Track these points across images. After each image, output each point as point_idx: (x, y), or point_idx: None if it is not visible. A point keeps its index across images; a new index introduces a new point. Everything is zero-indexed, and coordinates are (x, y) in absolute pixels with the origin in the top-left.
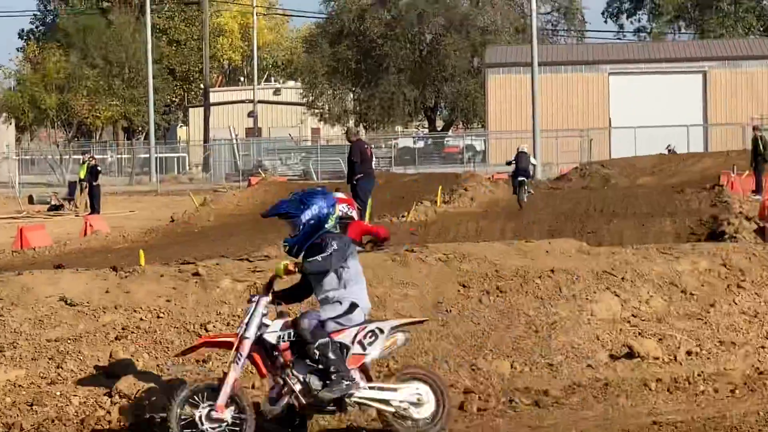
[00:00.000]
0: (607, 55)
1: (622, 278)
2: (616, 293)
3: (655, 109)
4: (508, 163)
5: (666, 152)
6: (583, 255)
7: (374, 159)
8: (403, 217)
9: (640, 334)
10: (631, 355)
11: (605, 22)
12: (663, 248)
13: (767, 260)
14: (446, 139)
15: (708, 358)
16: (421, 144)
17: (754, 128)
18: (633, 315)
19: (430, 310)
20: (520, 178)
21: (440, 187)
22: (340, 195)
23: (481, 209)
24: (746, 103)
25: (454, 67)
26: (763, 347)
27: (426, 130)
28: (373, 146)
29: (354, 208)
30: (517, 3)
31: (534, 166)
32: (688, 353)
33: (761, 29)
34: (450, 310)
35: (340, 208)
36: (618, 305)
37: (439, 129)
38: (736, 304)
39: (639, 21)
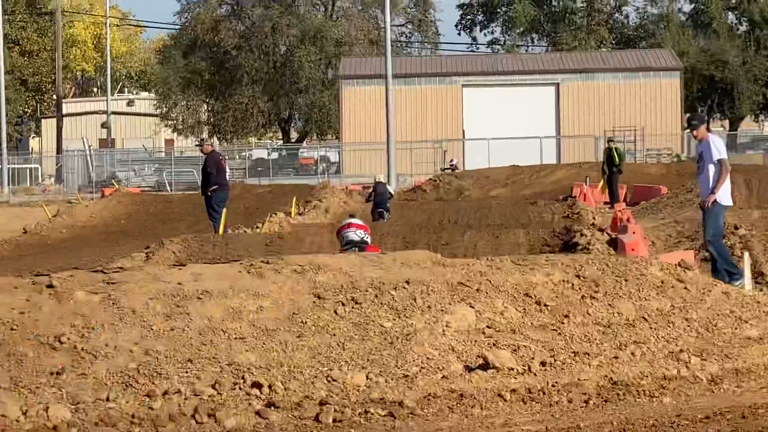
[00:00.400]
0: (460, 68)
1: (477, 289)
2: (471, 304)
3: (509, 120)
4: (367, 198)
5: (449, 169)
6: (438, 266)
7: (228, 170)
8: (257, 228)
9: (494, 345)
10: (485, 366)
11: (459, 34)
12: (517, 259)
13: (620, 271)
14: (300, 150)
15: (562, 369)
16: (275, 155)
17: (609, 140)
18: (488, 326)
19: (285, 321)
20: (380, 210)
21: (294, 199)
22: (358, 222)
23: (336, 220)
24: (598, 115)
25: (308, 79)
26: (616, 358)
27: (280, 142)
28: (227, 157)
29: (368, 233)
30: (371, 15)
31: (391, 196)
32: (543, 364)
33: (613, 42)
34: (305, 322)
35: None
36: (473, 316)
37: (293, 140)
38: (589, 315)
39: (492, 33)
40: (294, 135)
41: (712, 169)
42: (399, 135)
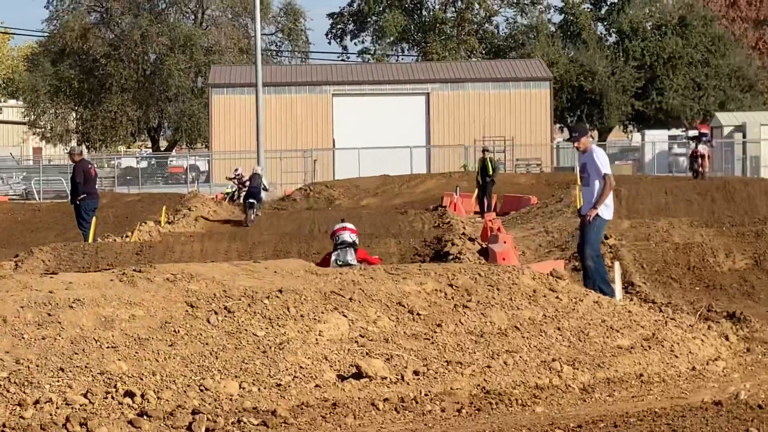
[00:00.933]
0: (331, 77)
1: (350, 298)
2: (344, 313)
3: (380, 130)
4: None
5: (235, 179)
6: (311, 275)
7: (98, 179)
8: (127, 237)
9: (368, 354)
10: (359, 375)
11: (329, 43)
12: (390, 269)
13: (493, 280)
14: (170, 159)
15: (435, 378)
16: (144, 164)
17: (484, 150)
18: (361, 335)
19: (158, 330)
20: (251, 201)
21: (164, 208)
22: (350, 226)
23: (206, 229)
24: (468, 125)
25: (177, 87)
26: (489, 367)
27: (149, 150)
28: (96, 166)
29: (357, 235)
30: (242, 23)
31: (265, 189)
32: (416, 373)
33: (483, 52)
34: (178, 331)
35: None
36: (346, 325)
37: (162, 149)
38: (462, 324)
39: (363, 43)
40: (163, 143)
41: (597, 183)
42: (269, 144)
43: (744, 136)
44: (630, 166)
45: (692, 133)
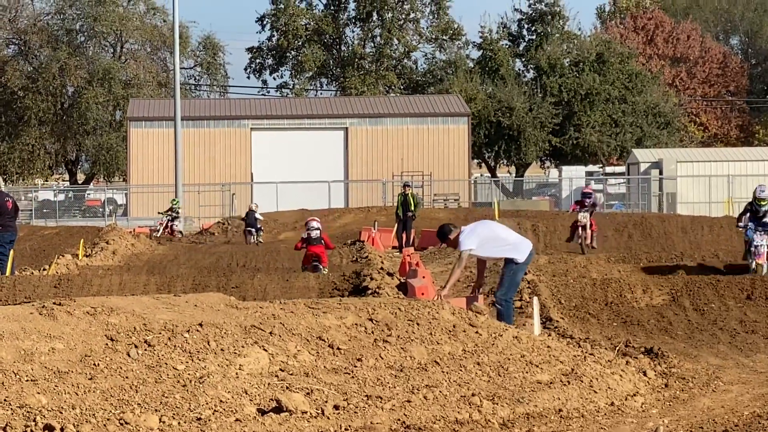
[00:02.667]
0: (249, 111)
1: (270, 332)
2: (264, 347)
3: (298, 164)
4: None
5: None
6: (232, 309)
7: (17, 212)
8: (44, 270)
9: (288, 388)
10: (279, 409)
11: (248, 77)
12: (311, 303)
13: (413, 315)
14: (87, 192)
15: (355, 412)
16: (61, 197)
17: (405, 185)
18: (281, 369)
19: (77, 364)
20: (248, 229)
21: (82, 241)
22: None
23: (123, 263)
24: (387, 160)
25: (95, 120)
26: (409, 401)
27: (67, 183)
28: (14, 199)
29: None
30: (160, 57)
31: (258, 220)
32: (336, 407)
33: (402, 87)
34: (98, 364)
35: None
36: (266, 359)
37: (80, 182)
38: (382, 358)
39: (282, 77)
40: (81, 177)
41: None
42: (187, 177)
43: (661, 173)
44: (547, 202)
45: (579, 191)
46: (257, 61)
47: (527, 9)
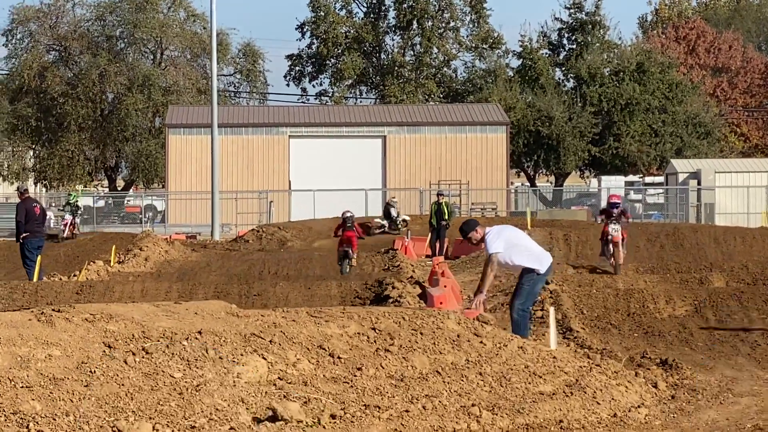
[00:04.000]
0: (288, 118)
1: (270, 341)
2: (263, 356)
3: (336, 172)
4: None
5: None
6: (233, 317)
7: (48, 217)
8: (74, 276)
9: (285, 397)
10: (274, 418)
11: (288, 85)
12: (313, 311)
13: (417, 324)
14: (127, 198)
15: (352, 422)
16: (101, 203)
17: (439, 194)
18: (279, 378)
19: (74, 370)
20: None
21: (114, 247)
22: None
23: (155, 269)
24: (424, 169)
25: (135, 127)
26: (407, 411)
27: (106, 190)
28: (42, 205)
29: None
30: (200, 64)
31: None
32: (333, 417)
33: (441, 96)
34: (94, 371)
35: None
36: (265, 368)
37: (119, 188)
38: (383, 368)
39: (321, 85)
40: (120, 183)
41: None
42: (225, 184)
43: (699, 183)
44: (585, 212)
45: (605, 202)
46: (297, 68)
47: (567, 18)
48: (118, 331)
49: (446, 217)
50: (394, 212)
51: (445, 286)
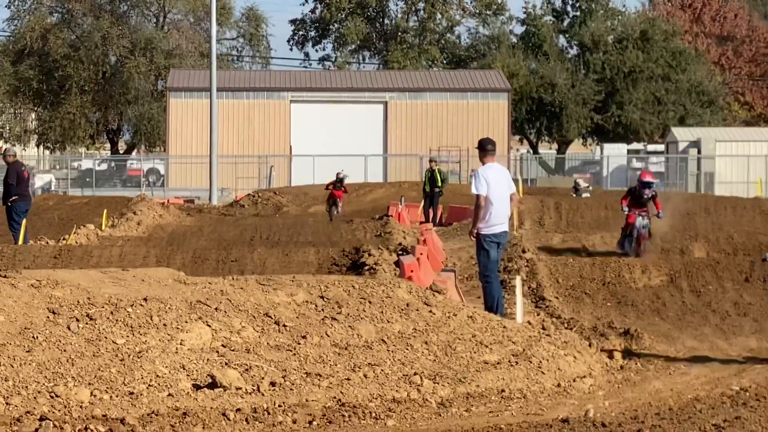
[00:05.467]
0: (289, 83)
1: (216, 308)
2: (207, 323)
3: (337, 137)
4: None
5: None
6: (179, 284)
7: (33, 180)
8: (63, 240)
9: (226, 364)
10: (213, 385)
11: (291, 50)
12: (262, 279)
13: (366, 293)
14: (129, 161)
15: (291, 390)
16: (104, 166)
17: (431, 160)
18: (223, 345)
19: (16, 336)
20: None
21: (105, 211)
22: None
23: (147, 234)
24: (426, 135)
25: (137, 90)
26: (348, 379)
27: (108, 153)
28: (33, 168)
29: None
30: (203, 28)
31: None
32: (273, 384)
33: (445, 62)
34: (37, 337)
35: None
36: (209, 335)
37: (121, 152)
38: (328, 336)
39: (324, 50)
40: (122, 146)
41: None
42: (225, 149)
43: (699, 152)
44: (586, 179)
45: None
46: (300, 33)
47: None
48: (63, 297)
49: (439, 183)
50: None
51: (421, 254)
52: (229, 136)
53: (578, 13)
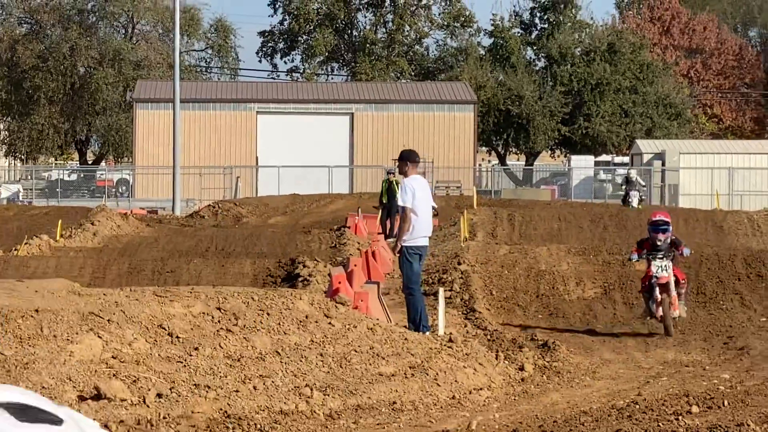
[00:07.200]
0: (256, 94)
1: (109, 320)
2: (99, 335)
3: (304, 149)
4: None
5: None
6: (74, 295)
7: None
8: (15, 251)
9: (114, 375)
10: (98, 396)
11: (260, 61)
12: (159, 291)
13: (265, 305)
14: (99, 172)
15: (177, 401)
16: (74, 177)
17: (388, 172)
18: (113, 357)
19: None
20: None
21: (60, 222)
22: None
23: (102, 245)
24: (392, 146)
25: (105, 101)
26: (237, 391)
27: (77, 163)
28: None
29: None
30: (172, 39)
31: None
32: (159, 395)
33: (413, 74)
34: None
35: None
36: (99, 347)
37: (90, 162)
38: (221, 347)
39: (293, 61)
40: (91, 156)
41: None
42: (192, 160)
43: (663, 164)
44: (549, 192)
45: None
46: (269, 45)
47: None
48: None
49: (397, 195)
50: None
51: (355, 266)
52: (196, 147)
53: (546, 26)
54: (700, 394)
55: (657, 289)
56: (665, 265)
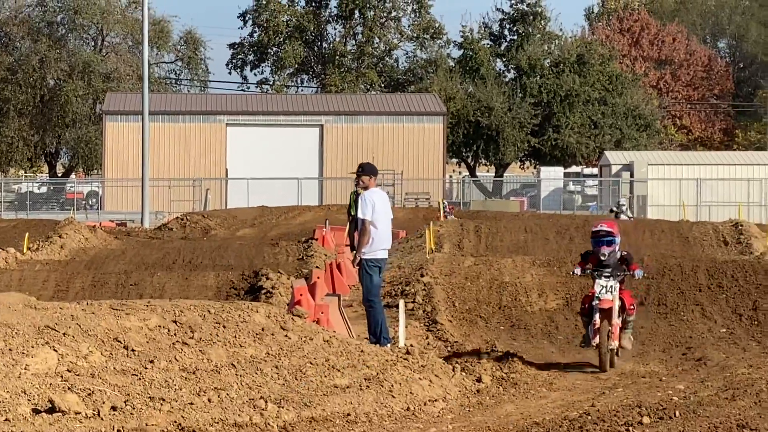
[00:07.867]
0: (226, 106)
1: (64, 333)
2: (54, 348)
3: (274, 160)
4: None
5: None
6: (29, 309)
7: None
8: None
9: (69, 389)
10: (53, 409)
11: (230, 73)
12: (116, 304)
13: (221, 318)
14: (68, 184)
15: (132, 414)
16: (43, 189)
17: (357, 184)
18: (68, 370)
19: None
20: None
21: (27, 235)
22: None
23: (69, 257)
24: (361, 158)
25: (75, 113)
26: (191, 404)
27: (46, 176)
28: None
29: None
30: (141, 50)
31: None
32: (113, 408)
33: (382, 86)
34: None
35: None
36: (55, 360)
37: (59, 174)
38: (177, 360)
39: (262, 73)
40: (61, 169)
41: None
42: (161, 172)
43: (632, 175)
44: (518, 203)
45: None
46: (239, 57)
47: (509, 9)
48: None
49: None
50: None
51: (318, 278)
52: (165, 159)
53: (515, 37)
54: (652, 405)
55: (597, 314)
56: (611, 286)
